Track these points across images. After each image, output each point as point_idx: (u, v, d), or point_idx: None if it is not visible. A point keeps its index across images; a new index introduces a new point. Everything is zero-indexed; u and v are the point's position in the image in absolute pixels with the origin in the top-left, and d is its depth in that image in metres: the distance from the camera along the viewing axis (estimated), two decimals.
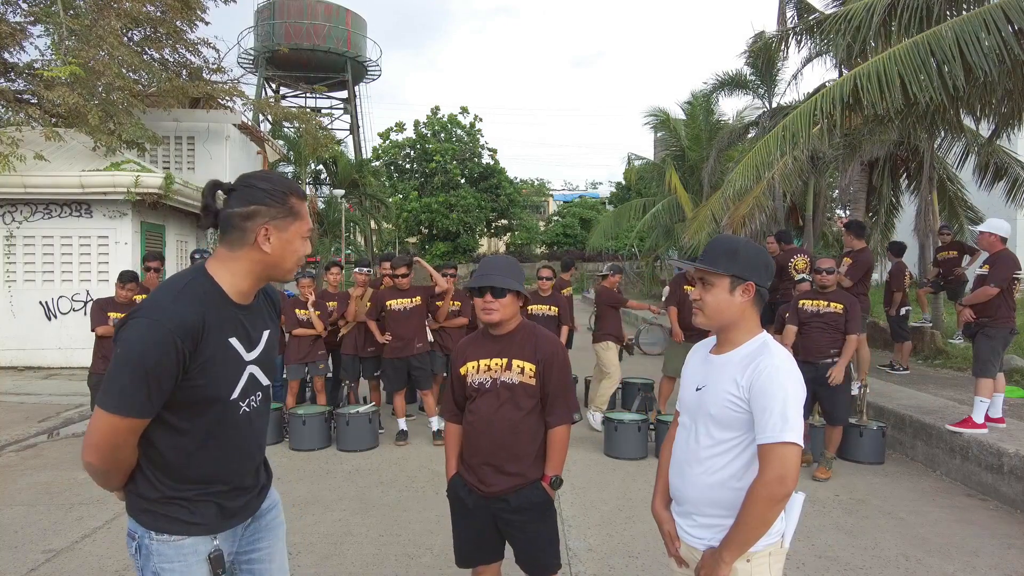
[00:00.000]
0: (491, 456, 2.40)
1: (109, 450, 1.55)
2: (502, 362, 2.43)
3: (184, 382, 1.55)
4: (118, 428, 1.52)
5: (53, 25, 9.95)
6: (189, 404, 1.59)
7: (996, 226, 5.59)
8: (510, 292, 2.39)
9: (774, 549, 1.80)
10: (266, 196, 1.65)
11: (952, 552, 3.96)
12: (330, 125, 28.20)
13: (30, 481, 5.17)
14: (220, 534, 1.71)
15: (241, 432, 1.72)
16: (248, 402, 1.72)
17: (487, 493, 2.42)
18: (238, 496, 1.75)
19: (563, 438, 2.46)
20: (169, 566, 1.65)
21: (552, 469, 2.45)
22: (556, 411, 2.44)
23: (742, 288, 1.83)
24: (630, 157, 22.90)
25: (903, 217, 13.78)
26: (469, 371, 2.47)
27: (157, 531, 1.65)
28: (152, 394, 1.51)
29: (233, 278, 1.66)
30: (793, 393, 1.72)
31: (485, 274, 2.42)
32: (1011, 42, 5.92)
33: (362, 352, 6.90)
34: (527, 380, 2.41)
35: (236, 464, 1.74)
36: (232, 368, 1.66)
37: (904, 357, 8.45)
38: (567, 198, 45.60)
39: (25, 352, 9.86)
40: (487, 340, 2.49)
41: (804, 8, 11.36)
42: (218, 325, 1.60)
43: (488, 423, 2.41)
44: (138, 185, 9.57)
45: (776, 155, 7.79)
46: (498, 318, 2.39)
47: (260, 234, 1.64)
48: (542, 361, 2.41)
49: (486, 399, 2.43)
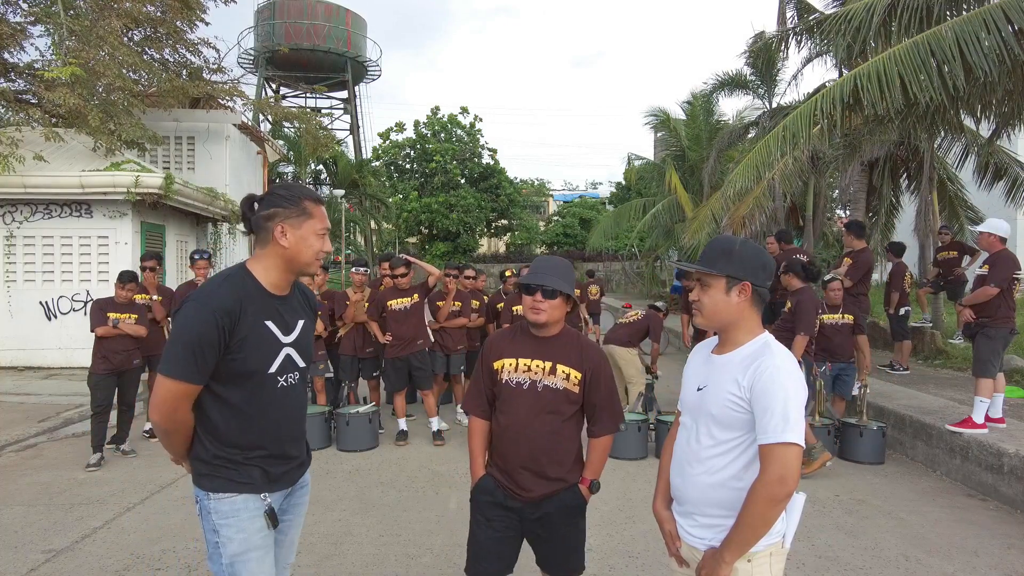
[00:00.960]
0: (531, 461, 2.35)
1: (168, 410, 1.87)
2: (545, 365, 2.37)
3: (226, 355, 1.86)
4: (171, 390, 1.84)
5: (53, 25, 9.94)
6: (232, 376, 1.89)
7: (996, 226, 5.59)
8: (561, 295, 2.34)
9: (775, 549, 1.80)
10: (283, 200, 1.97)
11: (952, 552, 3.96)
12: (330, 125, 28.17)
13: (30, 481, 5.17)
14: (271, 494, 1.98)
15: (279, 404, 1.99)
16: (286, 378, 2.01)
17: (526, 498, 2.36)
18: (280, 463, 2.01)
19: (606, 446, 2.46)
20: (224, 522, 1.92)
21: (592, 474, 2.43)
22: (602, 421, 2.42)
23: (738, 288, 1.83)
24: (630, 157, 22.89)
25: (903, 217, 13.78)
26: (505, 368, 2.40)
27: (213, 491, 1.93)
28: (199, 362, 1.82)
29: (265, 271, 1.98)
30: (794, 393, 1.72)
31: (538, 272, 2.38)
32: (1011, 42, 5.92)
33: (361, 353, 6.90)
34: (571, 387, 2.36)
35: (275, 432, 1.99)
36: (269, 346, 1.95)
37: (904, 357, 8.46)
38: (567, 198, 45.56)
39: (25, 352, 9.86)
40: (527, 339, 2.42)
41: (804, 8, 11.35)
42: (254, 310, 1.91)
43: (527, 426, 2.35)
44: (138, 185, 9.56)
45: (776, 155, 7.79)
46: (545, 319, 2.34)
47: (277, 231, 1.95)
48: (590, 370, 2.37)
49: (524, 401, 2.36)
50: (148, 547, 3.94)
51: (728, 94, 16.20)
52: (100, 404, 5.56)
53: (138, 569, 3.66)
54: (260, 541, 1.96)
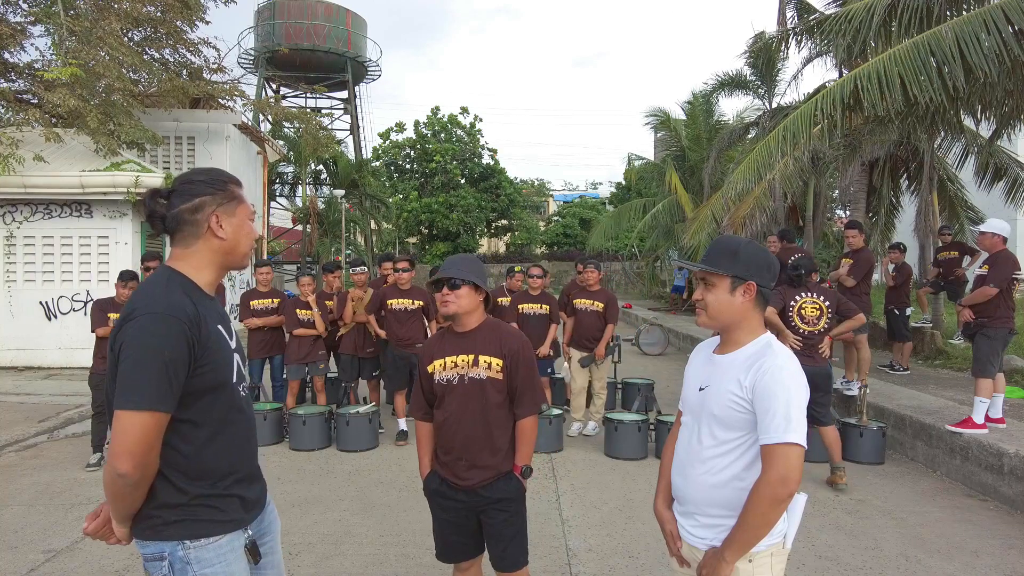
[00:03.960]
0: (464, 451, 2.48)
1: (143, 452, 1.52)
2: (468, 358, 2.50)
3: (195, 371, 1.60)
4: (147, 427, 1.52)
5: (53, 25, 9.95)
6: (200, 392, 1.63)
7: (996, 226, 5.60)
8: (466, 284, 2.47)
9: (776, 550, 1.80)
10: (207, 187, 1.72)
11: (952, 552, 3.96)
12: (330, 125, 28.14)
13: (30, 481, 5.17)
14: (249, 525, 1.76)
15: (243, 417, 1.77)
16: (242, 387, 1.78)
17: (462, 487, 2.49)
18: (252, 485, 1.79)
19: (531, 429, 2.55)
20: (211, 570, 1.65)
21: (522, 459, 2.53)
22: (524, 403, 2.52)
23: (743, 288, 1.83)
24: (630, 157, 22.90)
25: (903, 217, 13.78)
26: (436, 369, 2.54)
27: (193, 538, 1.64)
28: (172, 384, 1.54)
29: (197, 271, 1.71)
30: (796, 394, 1.72)
31: (443, 269, 2.52)
32: (1011, 42, 5.92)
33: (361, 352, 6.90)
34: (494, 375, 2.49)
35: (247, 448, 1.79)
36: (226, 353, 1.71)
37: (904, 357, 8.46)
38: (567, 198, 45.56)
39: (25, 352, 9.86)
40: (453, 337, 2.56)
41: (804, 8, 11.36)
42: (206, 314, 1.66)
43: (459, 419, 2.49)
44: (138, 185, 9.57)
45: (776, 156, 7.78)
46: (454, 309, 2.47)
47: (212, 222, 1.70)
48: (508, 356, 2.49)
49: (455, 395, 2.50)
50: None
51: (728, 94, 16.24)
52: (100, 404, 5.55)
53: (138, 569, 3.65)
54: None
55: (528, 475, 2.55)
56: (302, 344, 6.71)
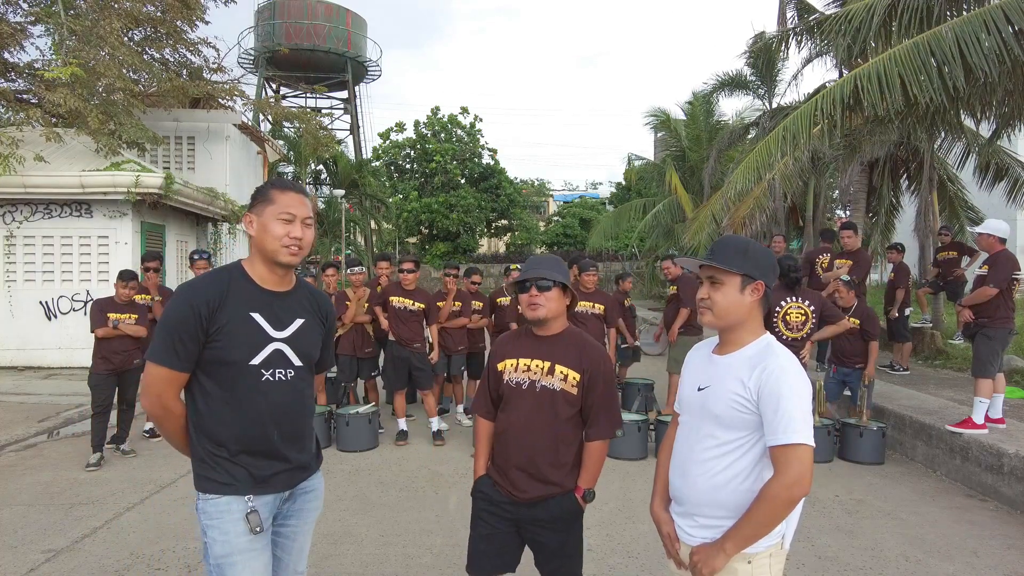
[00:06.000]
0: (527, 462, 2.32)
1: (154, 395, 1.91)
2: (544, 365, 2.34)
3: (207, 343, 1.90)
4: (155, 375, 1.90)
5: (54, 25, 9.95)
6: (212, 364, 1.92)
7: (995, 227, 5.59)
8: (556, 286, 2.32)
9: (775, 550, 1.80)
10: (256, 193, 2.04)
11: (952, 552, 3.96)
12: (330, 125, 28.18)
13: (30, 481, 5.17)
14: (258, 498, 1.95)
15: (262, 397, 1.96)
16: (274, 372, 1.98)
17: (520, 499, 2.34)
18: (268, 464, 1.98)
19: (602, 452, 2.37)
20: (211, 523, 1.93)
21: (586, 482, 2.35)
22: (598, 425, 2.34)
23: (752, 288, 1.83)
24: (630, 157, 22.89)
25: (903, 217, 13.78)
26: (507, 368, 2.39)
27: (203, 492, 1.95)
28: (178, 349, 1.88)
29: (251, 265, 2.04)
30: (802, 394, 1.72)
31: (530, 268, 2.37)
32: (1011, 43, 5.92)
33: (360, 353, 6.90)
34: (569, 388, 2.31)
35: (259, 427, 1.96)
36: (253, 338, 1.95)
37: (904, 357, 8.46)
38: (567, 198, 45.55)
39: (25, 352, 9.86)
40: (530, 339, 2.41)
41: (804, 8, 11.36)
42: (239, 300, 1.94)
43: (525, 427, 2.33)
44: (138, 185, 9.57)
45: (776, 156, 7.78)
46: (544, 313, 2.31)
47: (246, 222, 2.02)
48: (587, 371, 2.31)
49: (524, 401, 2.34)
50: (148, 547, 3.94)
51: (728, 94, 16.22)
52: (100, 404, 5.56)
53: (138, 569, 3.66)
54: (244, 544, 1.92)
55: (590, 499, 2.36)
56: None
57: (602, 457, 2.39)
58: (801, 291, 5.53)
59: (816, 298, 5.57)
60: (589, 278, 6.36)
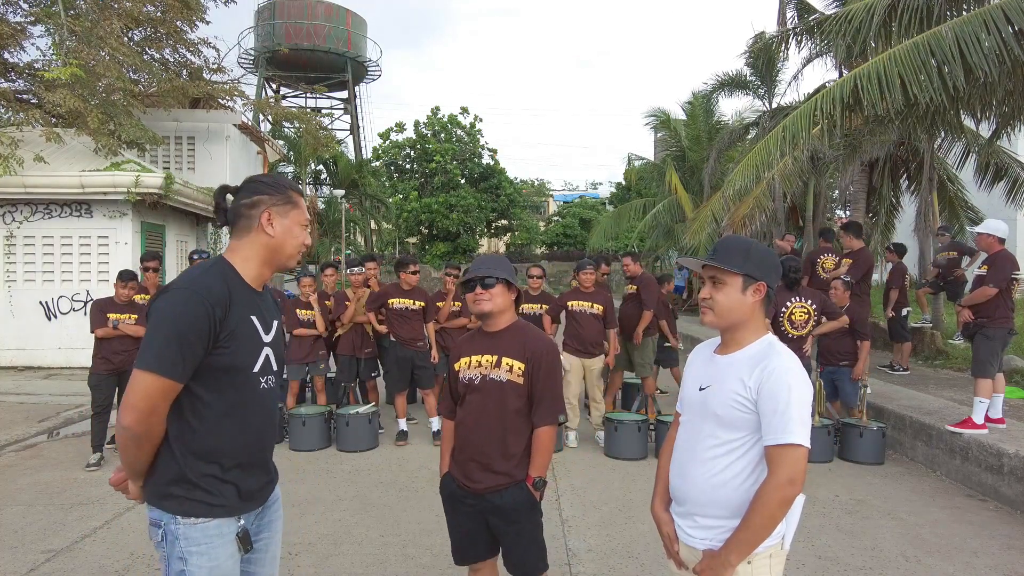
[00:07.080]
0: (478, 453, 2.42)
1: (146, 411, 1.66)
2: (492, 359, 2.45)
3: (214, 350, 1.71)
4: (153, 387, 1.65)
5: (54, 25, 9.95)
6: (216, 372, 1.73)
7: (994, 227, 5.59)
8: (499, 282, 2.44)
9: (775, 551, 1.80)
10: (268, 187, 1.88)
11: (952, 552, 3.96)
12: (330, 125, 28.22)
13: (30, 481, 5.17)
14: (243, 515, 1.82)
15: (261, 406, 1.86)
16: (267, 379, 1.87)
17: (474, 490, 2.43)
18: (255, 477, 1.86)
19: (548, 439, 2.45)
20: (196, 548, 1.73)
21: (536, 470, 2.44)
22: (541, 411, 2.43)
23: (754, 288, 1.83)
24: (630, 157, 22.89)
25: (903, 217, 13.79)
26: (462, 366, 2.50)
27: (183, 515, 1.73)
28: (185, 357, 1.66)
29: (244, 263, 1.85)
30: (801, 394, 1.72)
31: (475, 268, 2.50)
32: (1011, 42, 5.92)
33: (359, 353, 6.89)
34: (515, 378, 2.41)
35: (257, 439, 1.85)
36: (254, 343, 1.83)
37: (904, 358, 8.46)
38: (567, 198, 45.61)
39: (25, 352, 9.86)
40: (481, 337, 2.53)
41: (804, 9, 11.37)
42: (240, 301, 1.79)
43: (475, 419, 2.44)
44: (138, 185, 9.57)
45: (776, 156, 7.78)
46: (489, 308, 2.43)
47: (263, 218, 1.83)
48: (530, 360, 2.42)
49: (476, 395, 2.45)
50: (148, 547, 3.93)
51: (728, 94, 16.23)
52: (100, 404, 5.56)
53: (138, 569, 3.66)
54: (230, 568, 1.80)
55: (541, 487, 2.43)
56: (302, 344, 6.71)
57: (549, 444, 2.46)
58: (801, 290, 5.68)
59: (816, 296, 5.76)
60: (586, 277, 6.24)
